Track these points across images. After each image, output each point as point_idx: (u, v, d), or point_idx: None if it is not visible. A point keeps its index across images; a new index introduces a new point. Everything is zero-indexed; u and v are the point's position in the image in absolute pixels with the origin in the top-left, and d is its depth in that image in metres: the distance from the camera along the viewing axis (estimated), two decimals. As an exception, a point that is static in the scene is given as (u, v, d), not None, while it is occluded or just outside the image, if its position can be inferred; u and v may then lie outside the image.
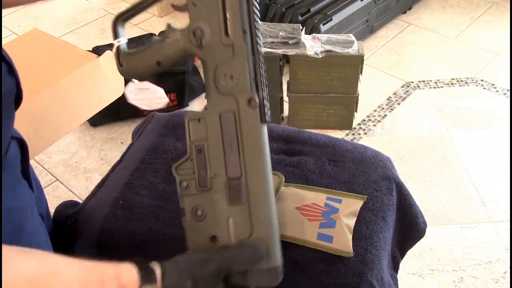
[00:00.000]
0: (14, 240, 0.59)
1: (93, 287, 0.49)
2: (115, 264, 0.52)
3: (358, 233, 0.80)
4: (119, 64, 0.61)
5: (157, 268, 0.53)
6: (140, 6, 0.61)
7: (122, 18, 0.62)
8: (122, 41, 0.62)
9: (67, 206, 0.89)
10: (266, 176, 0.57)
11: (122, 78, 1.46)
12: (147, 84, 0.77)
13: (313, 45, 1.67)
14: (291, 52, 1.68)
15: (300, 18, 2.10)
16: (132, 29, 2.54)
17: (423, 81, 2.15)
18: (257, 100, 0.56)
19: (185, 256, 0.56)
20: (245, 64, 0.56)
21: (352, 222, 0.81)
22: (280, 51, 1.68)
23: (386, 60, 2.28)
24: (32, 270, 0.46)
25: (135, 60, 0.61)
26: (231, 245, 0.57)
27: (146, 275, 0.52)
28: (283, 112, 1.92)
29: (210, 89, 0.57)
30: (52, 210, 0.85)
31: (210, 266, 0.54)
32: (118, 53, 0.62)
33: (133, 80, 0.75)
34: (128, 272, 0.52)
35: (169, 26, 0.59)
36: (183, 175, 0.58)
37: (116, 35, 0.62)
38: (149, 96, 0.77)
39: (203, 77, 0.59)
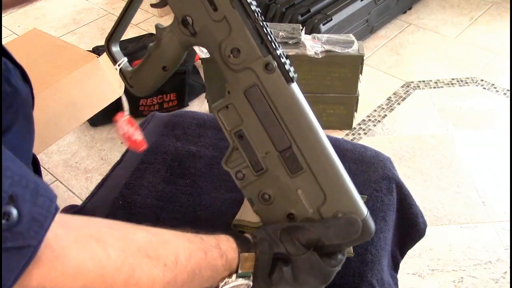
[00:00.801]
0: None
1: (198, 255, 0.50)
2: (214, 235, 0.54)
3: (358, 233, 0.80)
4: (129, 86, 0.60)
5: (249, 237, 0.55)
6: (122, 21, 0.59)
7: (112, 39, 0.60)
8: (122, 62, 0.60)
9: (67, 211, 0.89)
10: (316, 134, 0.55)
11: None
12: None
13: (313, 45, 1.67)
14: (291, 52, 1.68)
15: (300, 18, 2.10)
16: (132, 29, 2.54)
17: (423, 81, 2.15)
18: (273, 62, 0.53)
19: (272, 225, 0.56)
20: (245, 31, 0.53)
21: (352, 222, 0.81)
22: (280, 51, 1.68)
23: (386, 60, 2.28)
24: (143, 240, 0.48)
25: (142, 76, 0.59)
26: (314, 218, 0.55)
27: (243, 244, 0.53)
28: (283, 112, 1.91)
29: (224, 71, 0.54)
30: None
31: (299, 232, 0.53)
32: (124, 76, 0.60)
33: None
34: (226, 241, 0.53)
35: (157, 27, 0.57)
36: (235, 167, 0.56)
37: (114, 59, 0.60)
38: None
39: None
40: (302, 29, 1.72)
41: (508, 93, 2.06)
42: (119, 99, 1.51)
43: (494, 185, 1.66)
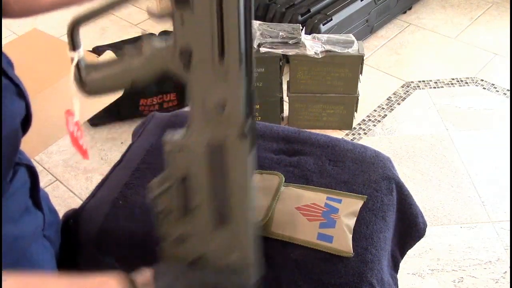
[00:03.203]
0: (16, 268, 0.59)
1: None
2: (99, 276, 0.52)
3: (358, 233, 0.80)
4: (82, 83, 0.52)
5: (146, 271, 0.54)
6: (99, 11, 0.52)
7: (81, 22, 0.52)
8: (82, 53, 0.53)
9: (68, 216, 0.89)
10: (249, 201, 0.55)
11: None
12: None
13: (313, 45, 1.67)
14: (291, 52, 1.68)
15: (300, 18, 2.10)
16: (132, 29, 2.54)
17: (423, 81, 2.15)
18: (249, 130, 0.50)
19: (172, 266, 0.56)
20: (240, 90, 0.48)
21: (352, 222, 0.81)
22: (280, 51, 1.68)
23: (386, 60, 2.28)
24: None
25: (103, 78, 0.52)
26: (216, 267, 0.57)
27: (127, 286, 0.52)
28: (283, 112, 1.92)
29: (197, 116, 0.50)
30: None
31: (196, 276, 0.55)
32: (79, 69, 0.52)
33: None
34: (109, 283, 0.52)
35: (146, 40, 0.51)
36: (164, 204, 0.55)
37: (74, 45, 0.52)
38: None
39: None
40: (302, 29, 1.72)
41: (508, 93, 2.06)
42: (118, 99, 1.51)
43: (494, 185, 1.66)
